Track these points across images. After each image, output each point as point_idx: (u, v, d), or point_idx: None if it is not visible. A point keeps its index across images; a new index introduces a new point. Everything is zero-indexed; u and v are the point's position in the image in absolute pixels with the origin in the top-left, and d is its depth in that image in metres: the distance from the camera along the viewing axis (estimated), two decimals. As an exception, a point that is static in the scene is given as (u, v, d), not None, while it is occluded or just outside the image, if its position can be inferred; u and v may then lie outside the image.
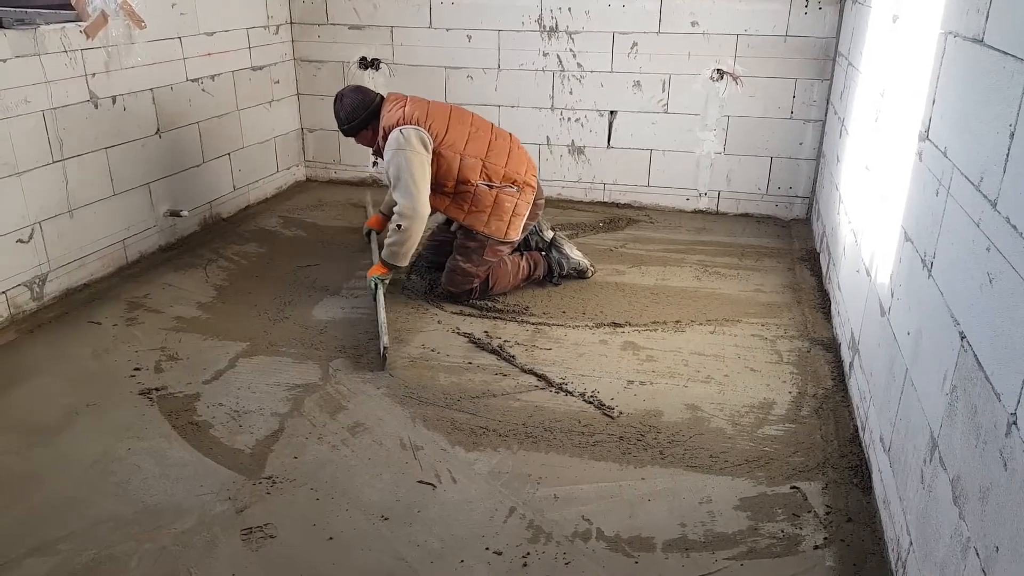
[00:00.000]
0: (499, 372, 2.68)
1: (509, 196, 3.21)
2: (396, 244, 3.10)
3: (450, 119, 3.17)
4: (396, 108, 3.13)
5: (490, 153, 3.19)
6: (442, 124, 3.12)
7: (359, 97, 3.20)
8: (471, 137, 3.18)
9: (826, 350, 2.84)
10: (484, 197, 3.16)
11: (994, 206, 1.41)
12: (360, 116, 3.18)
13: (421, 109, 3.13)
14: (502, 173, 3.20)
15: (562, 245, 3.43)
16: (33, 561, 1.82)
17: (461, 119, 3.22)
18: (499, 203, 3.18)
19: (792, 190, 4.28)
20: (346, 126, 3.21)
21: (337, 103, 3.21)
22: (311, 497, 2.05)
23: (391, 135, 3.06)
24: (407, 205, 3.03)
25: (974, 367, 1.42)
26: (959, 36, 1.76)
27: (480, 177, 3.16)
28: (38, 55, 2.96)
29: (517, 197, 3.23)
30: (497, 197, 3.17)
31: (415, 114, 3.10)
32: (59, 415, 2.40)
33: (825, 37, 3.96)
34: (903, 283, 1.99)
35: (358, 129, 3.21)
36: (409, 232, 3.06)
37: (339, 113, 3.21)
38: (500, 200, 3.18)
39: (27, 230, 3.01)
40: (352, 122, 3.19)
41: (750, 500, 2.05)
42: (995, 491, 1.27)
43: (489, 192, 3.16)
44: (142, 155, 3.56)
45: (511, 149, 3.28)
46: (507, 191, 3.20)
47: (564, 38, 4.26)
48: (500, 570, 1.81)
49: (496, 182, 3.18)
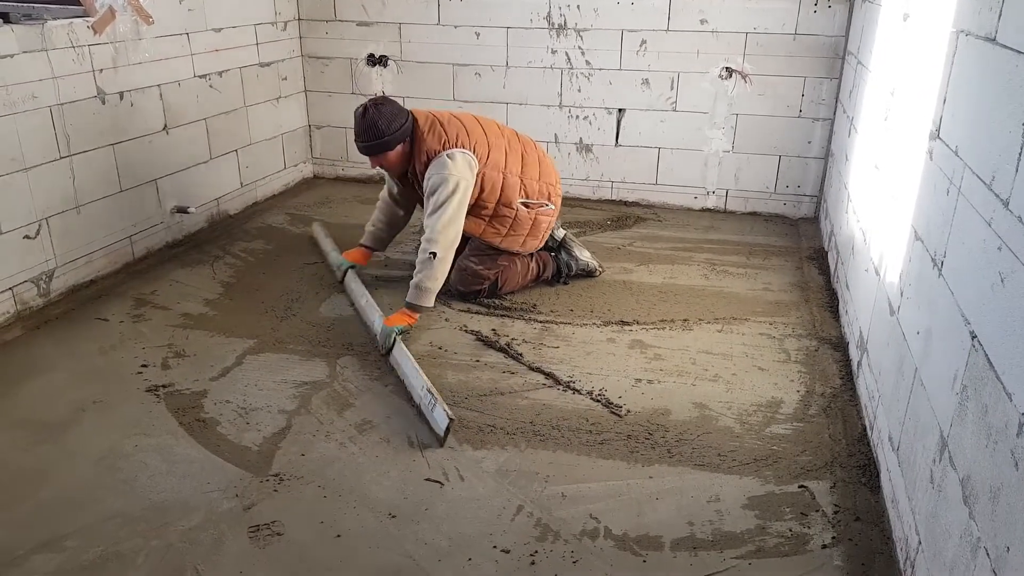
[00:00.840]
0: (507, 370, 2.68)
1: (546, 216, 3.11)
2: (430, 279, 2.79)
3: (486, 133, 2.99)
4: (435, 125, 2.90)
5: (524, 167, 3.05)
6: (483, 141, 2.95)
7: (394, 107, 2.88)
8: (508, 151, 3.02)
9: (834, 349, 2.83)
10: (523, 221, 3.05)
11: (1006, 205, 1.40)
12: (401, 128, 2.85)
13: (457, 125, 2.93)
14: (537, 188, 3.08)
15: (572, 246, 3.37)
16: (40, 557, 1.82)
17: (492, 129, 3.03)
18: (537, 224, 3.09)
19: (800, 189, 4.26)
20: (386, 138, 2.82)
21: (370, 114, 2.82)
22: (318, 495, 2.05)
23: (440, 159, 2.84)
24: (448, 234, 2.80)
25: (985, 367, 1.41)
26: (971, 34, 1.75)
27: (520, 195, 3.01)
28: (45, 51, 2.97)
29: (552, 215, 3.14)
30: (536, 219, 3.07)
31: (456, 133, 2.90)
32: (66, 412, 2.41)
33: (834, 35, 3.94)
34: (913, 282, 1.98)
35: (395, 143, 2.86)
36: (446, 263, 2.83)
37: (376, 124, 2.80)
38: (538, 222, 3.09)
39: (34, 226, 3.02)
40: (393, 134, 2.83)
41: (758, 499, 2.04)
42: (1006, 491, 1.26)
43: (528, 215, 3.05)
44: (149, 151, 3.57)
45: (539, 158, 3.14)
46: (544, 211, 3.10)
47: (573, 35, 4.25)
48: (508, 568, 1.81)
49: (533, 199, 3.06)
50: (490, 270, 3.12)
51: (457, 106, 4.53)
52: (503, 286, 3.18)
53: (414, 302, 2.80)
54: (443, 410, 2.27)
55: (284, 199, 4.54)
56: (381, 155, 2.89)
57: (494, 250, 3.10)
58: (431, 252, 2.78)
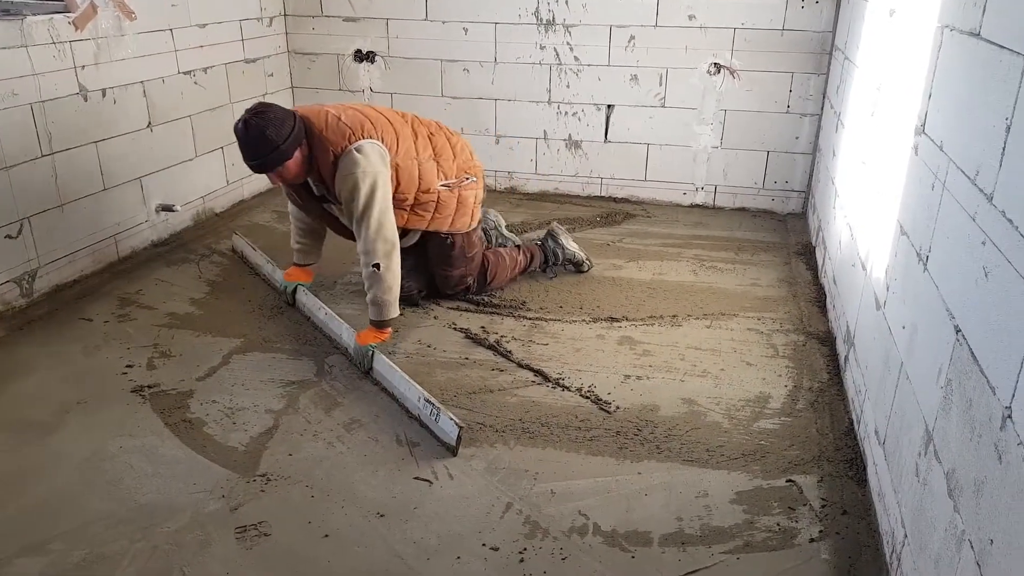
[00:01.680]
0: (496, 367, 2.67)
1: (470, 189, 2.95)
2: (384, 290, 2.58)
3: (391, 122, 2.73)
4: (331, 119, 2.57)
5: (437, 148, 2.86)
6: (388, 128, 2.69)
7: (280, 112, 2.54)
8: (416, 136, 2.81)
9: (821, 344, 2.84)
10: (447, 202, 2.86)
11: (990, 200, 1.40)
12: (293, 131, 2.50)
13: (357, 115, 2.64)
14: (454, 167, 2.88)
15: (559, 235, 3.34)
16: (24, 560, 1.81)
17: (395, 117, 2.80)
18: (463, 201, 2.92)
19: (788, 184, 4.27)
20: (281, 146, 2.47)
21: (253, 125, 2.47)
22: (306, 495, 2.04)
23: (347, 156, 2.54)
24: (381, 239, 2.58)
25: (969, 361, 1.42)
26: (956, 30, 1.75)
27: (438, 178, 2.83)
28: (25, 47, 2.93)
29: (476, 187, 2.99)
30: (460, 196, 2.90)
31: (361, 122, 2.61)
32: (50, 413, 2.38)
33: (822, 31, 3.94)
34: (898, 277, 1.99)
35: (292, 151, 2.52)
36: (392, 270, 2.61)
37: (263, 136, 2.45)
38: (463, 198, 2.92)
39: (16, 225, 2.99)
40: (287, 140, 2.48)
41: (746, 494, 2.05)
42: (990, 484, 1.27)
43: (451, 195, 2.87)
44: (133, 149, 3.54)
45: (448, 137, 2.94)
46: (467, 184, 2.93)
47: (561, 31, 4.24)
48: (497, 566, 1.80)
49: (453, 179, 2.87)
50: (468, 265, 3.03)
51: (446, 103, 4.52)
52: (492, 281, 3.14)
53: (378, 318, 2.63)
54: (449, 419, 2.21)
55: (271, 197, 4.50)
56: (281, 167, 2.54)
57: (453, 246, 2.95)
58: (373, 264, 2.58)
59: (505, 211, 4.24)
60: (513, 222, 4.04)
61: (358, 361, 2.61)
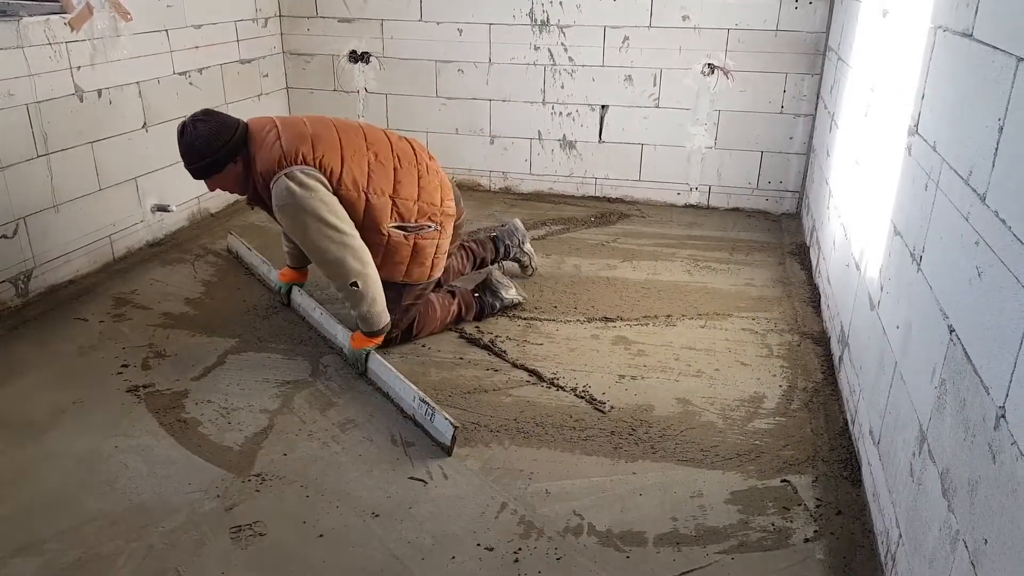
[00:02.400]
0: (490, 367, 2.67)
1: (429, 239, 2.64)
2: (369, 303, 2.49)
3: (341, 143, 2.51)
4: (270, 138, 2.45)
5: (398, 185, 2.58)
6: (334, 153, 2.47)
7: (216, 121, 2.45)
8: (372, 166, 2.54)
9: (816, 344, 2.85)
10: (399, 247, 2.59)
11: (983, 200, 1.41)
12: (225, 146, 2.42)
13: (300, 135, 2.46)
14: (415, 209, 2.61)
15: (498, 288, 2.99)
16: (19, 561, 1.80)
17: (352, 140, 2.55)
18: (419, 250, 2.63)
19: (782, 184, 4.29)
20: (207, 160, 2.42)
21: (187, 133, 2.43)
22: (301, 494, 2.03)
23: (277, 185, 2.40)
24: (350, 256, 2.44)
25: (963, 360, 1.42)
26: (949, 30, 1.76)
27: (391, 219, 2.56)
28: (21, 47, 2.92)
29: (438, 237, 2.67)
30: (415, 244, 2.62)
31: (297, 146, 2.43)
32: (45, 413, 2.38)
33: (815, 31, 3.96)
34: (892, 277, 2.00)
35: (223, 163, 2.44)
36: (371, 279, 2.49)
37: (193, 144, 2.41)
38: (419, 247, 2.63)
39: (11, 226, 2.98)
40: (216, 154, 2.41)
41: (741, 494, 2.05)
42: (984, 484, 1.27)
43: (406, 241, 2.59)
44: (128, 149, 3.53)
45: (420, 173, 2.65)
46: (425, 233, 2.63)
47: (555, 32, 4.25)
48: (492, 566, 1.80)
49: (411, 221, 2.60)
50: (395, 315, 2.64)
51: (441, 103, 4.52)
52: (419, 332, 2.80)
53: (370, 330, 2.54)
54: (444, 418, 2.20)
55: (266, 197, 4.50)
56: (210, 178, 2.49)
57: (394, 291, 2.63)
58: (350, 284, 2.46)
59: (500, 211, 4.25)
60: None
61: (352, 363, 2.60)
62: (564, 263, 3.58)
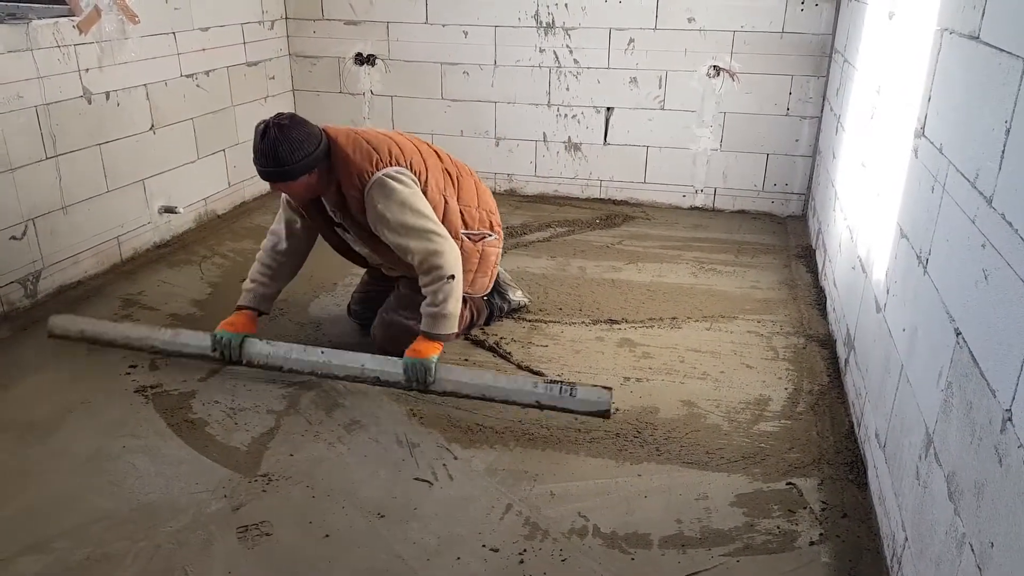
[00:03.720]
0: (495, 369, 2.67)
1: (493, 247, 2.69)
2: (455, 302, 2.40)
3: (421, 152, 2.54)
4: (361, 145, 2.42)
5: (462, 192, 2.63)
6: (417, 157, 2.50)
7: (304, 133, 2.34)
8: (445, 174, 2.59)
9: (822, 346, 2.84)
10: (471, 255, 2.62)
11: (989, 203, 1.41)
12: (308, 157, 2.32)
13: (389, 144, 2.47)
14: (478, 217, 2.65)
15: (505, 289, 2.98)
16: (27, 559, 1.81)
17: (426, 150, 2.57)
18: (485, 258, 2.67)
19: (788, 187, 4.28)
20: (286, 167, 2.29)
21: (271, 136, 2.29)
22: (307, 495, 2.04)
23: (376, 184, 2.38)
24: (444, 246, 2.40)
25: (969, 363, 1.42)
26: (955, 32, 1.76)
27: (461, 225, 2.59)
28: (31, 50, 2.95)
29: (498, 246, 2.73)
30: (483, 252, 2.66)
31: (389, 147, 2.44)
32: (53, 413, 2.39)
33: (821, 33, 3.96)
34: (898, 280, 2.00)
35: (300, 173, 2.33)
36: (460, 283, 2.43)
37: (276, 149, 2.28)
38: (486, 255, 2.67)
39: (20, 227, 3.00)
40: (297, 163, 2.30)
41: (746, 496, 2.05)
42: (990, 487, 1.27)
43: (474, 248, 2.63)
44: (136, 151, 3.55)
45: (476, 183, 2.73)
46: (490, 242, 2.68)
47: (561, 34, 4.25)
48: (497, 567, 1.81)
49: (475, 229, 2.64)
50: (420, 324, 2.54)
51: (446, 105, 4.53)
52: None
53: (439, 332, 2.41)
54: (590, 387, 2.28)
55: (273, 199, 4.51)
56: (283, 184, 2.37)
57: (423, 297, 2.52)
58: (448, 276, 2.39)
59: (505, 213, 4.26)
60: (513, 224, 4.06)
61: (417, 378, 2.37)
62: (569, 265, 3.58)
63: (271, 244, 2.68)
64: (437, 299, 2.42)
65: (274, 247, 2.66)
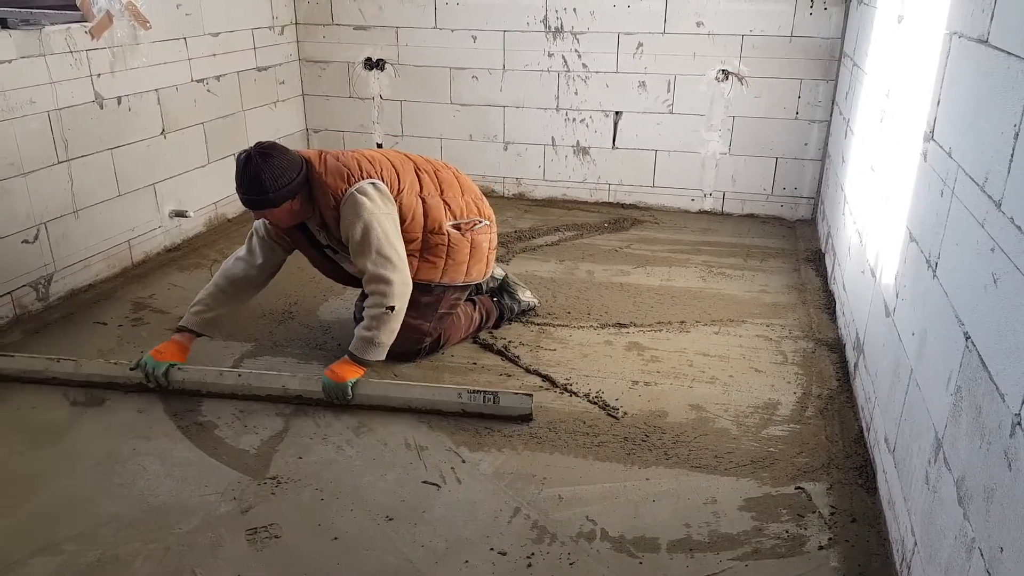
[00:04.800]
0: (504, 373, 2.68)
1: (483, 234, 2.76)
2: (388, 333, 2.46)
3: (391, 160, 2.63)
4: (333, 165, 2.47)
5: (444, 185, 2.71)
6: (388, 167, 2.58)
7: (286, 162, 2.39)
8: (419, 173, 2.67)
9: (831, 351, 2.83)
10: (460, 246, 2.68)
11: (999, 207, 1.40)
12: (289, 184, 2.38)
13: (358, 158, 2.54)
14: (463, 205, 2.72)
15: (514, 288, 3.03)
16: (39, 561, 1.83)
17: (396, 157, 2.67)
18: (477, 246, 2.73)
19: (797, 191, 4.27)
20: (270, 195, 2.35)
21: (253, 166, 2.33)
22: (316, 497, 2.05)
23: (350, 199, 2.44)
24: (395, 277, 2.45)
25: (979, 368, 1.42)
26: (964, 36, 1.76)
27: (447, 218, 2.66)
28: (43, 56, 2.98)
29: (490, 231, 2.80)
30: (474, 241, 2.72)
31: (359, 161, 2.52)
32: (64, 416, 2.41)
33: (830, 38, 3.95)
34: (908, 284, 1.99)
35: (281, 201, 2.38)
36: (401, 314, 2.49)
37: (259, 178, 2.32)
38: (477, 243, 2.73)
39: (32, 231, 3.03)
40: (279, 191, 2.36)
41: (755, 501, 2.05)
42: (1000, 492, 1.26)
43: (463, 238, 2.69)
44: (147, 156, 3.58)
45: (455, 173, 2.80)
46: (480, 228, 2.75)
47: (569, 38, 4.26)
48: (505, 570, 1.81)
49: (464, 218, 2.70)
50: (430, 322, 2.67)
51: (455, 110, 4.55)
52: (446, 343, 2.79)
53: (365, 357, 2.45)
54: (512, 393, 2.31)
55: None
56: (266, 211, 2.43)
57: (433, 296, 2.66)
58: (388, 307, 2.44)
59: (513, 217, 4.27)
60: (521, 228, 4.07)
61: (334, 396, 2.42)
62: (577, 269, 3.58)
63: (238, 270, 2.66)
64: (371, 325, 2.46)
65: (239, 273, 2.65)
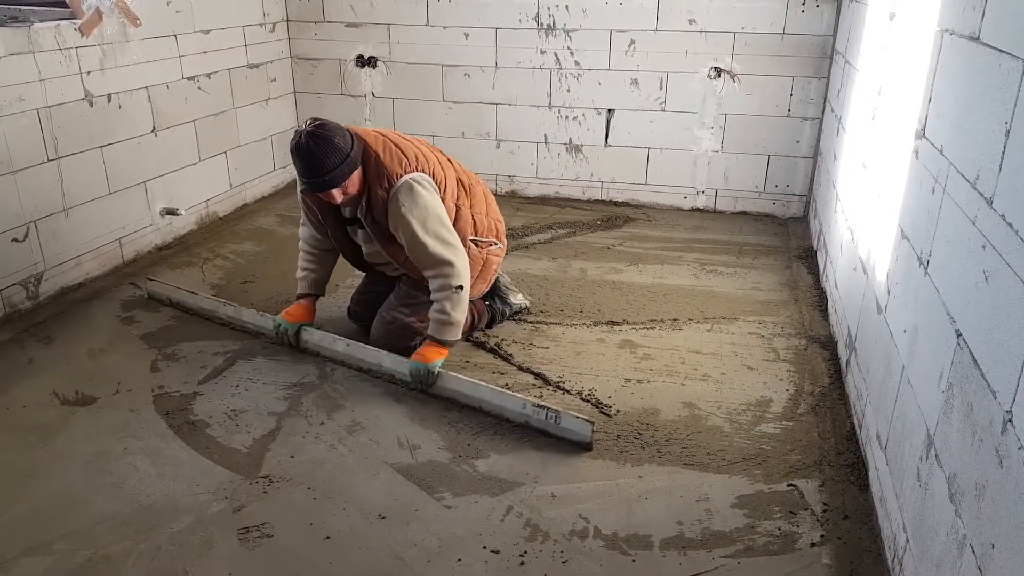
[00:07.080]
0: (496, 371, 2.68)
1: (496, 256, 2.79)
2: (462, 311, 2.52)
3: (439, 161, 2.63)
4: (390, 147, 2.50)
5: (474, 199, 2.71)
6: (439, 168, 2.59)
7: (344, 135, 2.39)
8: (459, 182, 2.68)
9: (823, 348, 2.84)
10: (475, 261, 2.68)
11: (990, 204, 1.41)
12: (354, 146, 2.39)
13: (415, 149, 2.56)
14: (486, 225, 2.74)
15: (506, 292, 3.01)
16: (29, 560, 1.81)
17: (442, 159, 2.66)
18: (488, 266, 2.76)
19: (789, 188, 4.28)
20: (351, 156, 2.36)
21: (321, 133, 2.33)
22: (308, 496, 2.04)
23: (403, 187, 2.45)
24: (457, 260, 2.50)
25: (970, 364, 1.42)
26: (955, 34, 1.76)
27: (470, 231, 2.67)
28: (32, 53, 2.95)
29: (501, 254, 2.82)
30: (487, 260, 2.75)
31: (416, 157, 2.53)
32: (55, 415, 2.39)
33: (822, 35, 3.96)
34: (899, 281, 1.99)
35: (357, 164, 2.41)
36: (467, 291, 2.53)
37: (333, 141, 2.33)
38: (489, 262, 2.76)
39: (22, 229, 3.00)
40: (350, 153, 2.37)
41: (747, 498, 2.05)
42: (991, 488, 1.27)
43: (479, 254, 2.71)
44: (138, 153, 3.55)
45: (485, 191, 2.81)
46: (494, 250, 2.77)
47: (562, 36, 4.26)
48: (498, 569, 1.81)
49: (483, 236, 2.72)
50: (423, 321, 2.64)
51: (448, 107, 4.53)
52: None
53: (445, 338, 2.51)
54: (574, 417, 2.24)
55: (274, 201, 4.52)
56: (347, 181, 2.40)
57: (425, 296, 2.62)
58: (456, 286, 2.48)
59: (506, 215, 4.25)
60: (514, 226, 4.06)
61: (420, 379, 2.48)
62: (570, 267, 3.58)
63: (309, 234, 2.80)
64: (445, 307, 2.51)
65: (312, 236, 2.79)
